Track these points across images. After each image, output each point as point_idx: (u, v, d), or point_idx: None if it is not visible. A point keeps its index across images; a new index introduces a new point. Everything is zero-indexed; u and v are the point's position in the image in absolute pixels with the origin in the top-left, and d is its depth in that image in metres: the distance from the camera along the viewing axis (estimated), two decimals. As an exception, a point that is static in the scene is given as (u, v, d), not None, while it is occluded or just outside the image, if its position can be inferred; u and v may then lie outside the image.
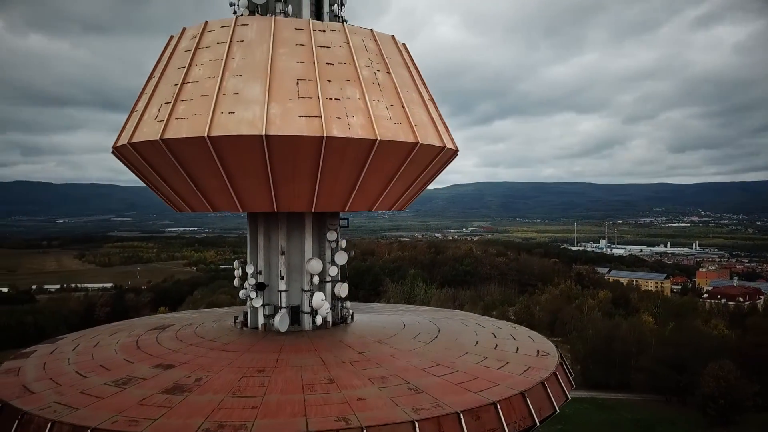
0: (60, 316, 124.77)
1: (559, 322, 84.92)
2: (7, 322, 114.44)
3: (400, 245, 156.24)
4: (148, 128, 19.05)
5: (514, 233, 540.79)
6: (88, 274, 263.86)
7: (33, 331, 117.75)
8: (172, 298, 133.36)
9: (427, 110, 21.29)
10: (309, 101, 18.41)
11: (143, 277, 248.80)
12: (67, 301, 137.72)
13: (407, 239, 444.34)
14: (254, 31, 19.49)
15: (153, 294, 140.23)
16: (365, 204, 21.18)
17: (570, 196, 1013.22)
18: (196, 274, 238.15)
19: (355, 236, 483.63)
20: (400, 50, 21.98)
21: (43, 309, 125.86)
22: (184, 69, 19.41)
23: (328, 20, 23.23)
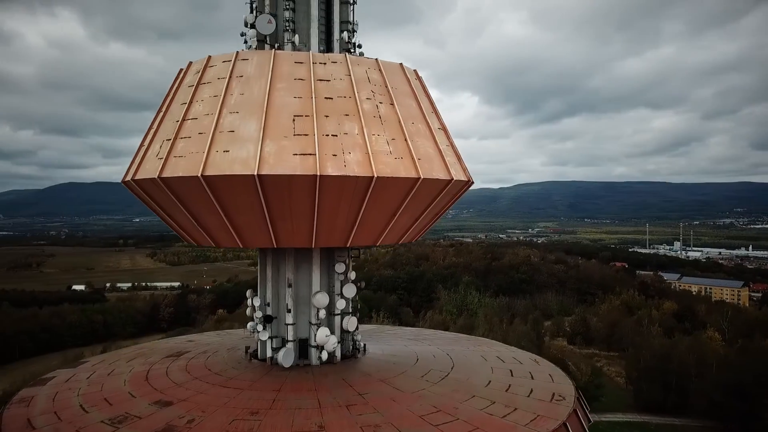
0: (127, 316, 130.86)
1: (616, 335, 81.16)
2: (79, 321, 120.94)
3: (455, 251, 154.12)
4: (150, 165, 19.20)
5: (582, 234, 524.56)
6: (158, 272, 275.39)
7: (102, 329, 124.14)
8: (231, 299, 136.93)
9: (435, 141, 20.45)
10: (304, 138, 18.01)
11: (209, 277, 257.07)
12: (134, 301, 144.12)
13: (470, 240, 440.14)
14: (253, 66, 19.29)
15: (214, 295, 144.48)
16: (369, 238, 20.59)
17: (643, 196, 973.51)
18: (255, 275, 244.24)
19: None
20: (408, 79, 21.24)
21: (112, 308, 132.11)
22: (185, 105, 19.45)
23: (337, 48, 22.88)
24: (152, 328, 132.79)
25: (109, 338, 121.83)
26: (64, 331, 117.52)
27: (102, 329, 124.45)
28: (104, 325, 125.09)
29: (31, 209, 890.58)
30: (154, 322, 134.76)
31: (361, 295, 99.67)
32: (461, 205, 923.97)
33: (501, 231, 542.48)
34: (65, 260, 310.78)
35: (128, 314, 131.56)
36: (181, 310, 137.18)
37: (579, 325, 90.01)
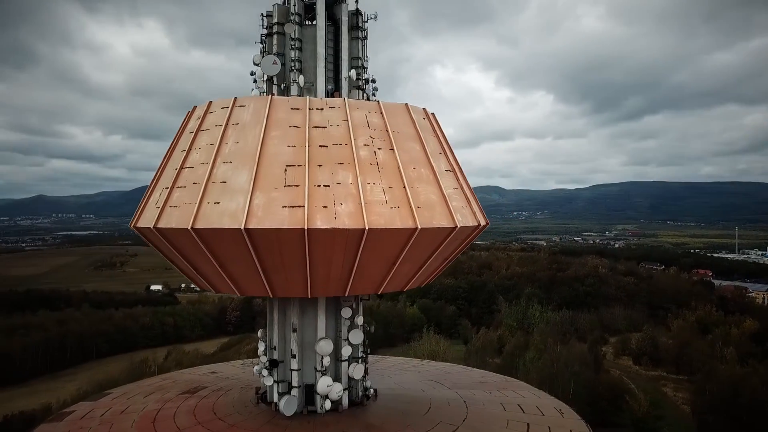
0: (196, 319, 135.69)
1: (687, 357, 75.95)
2: (150, 323, 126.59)
3: (519, 259, 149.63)
4: (149, 213, 19.29)
5: (663, 238, 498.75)
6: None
7: (172, 332, 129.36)
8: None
9: (438, 186, 19.42)
10: (295, 189, 17.51)
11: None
12: (203, 304, 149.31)
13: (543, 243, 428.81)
14: (250, 113, 18.98)
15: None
16: (369, 287, 19.85)
17: (732, 197, 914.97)
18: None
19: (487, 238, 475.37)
20: (413, 121, 20.29)
21: (182, 311, 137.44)
22: (184, 152, 19.41)
23: (345, 86, 22.29)
24: (219, 331, 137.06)
25: (178, 341, 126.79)
26: (137, 333, 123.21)
27: (172, 331, 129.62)
28: (174, 328, 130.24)
29: (119, 210, 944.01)
30: (221, 326, 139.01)
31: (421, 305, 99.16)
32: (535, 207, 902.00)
33: (576, 233, 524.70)
34: (146, 260, 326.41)
35: (197, 317, 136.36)
36: (246, 314, 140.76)
37: (646, 343, 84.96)
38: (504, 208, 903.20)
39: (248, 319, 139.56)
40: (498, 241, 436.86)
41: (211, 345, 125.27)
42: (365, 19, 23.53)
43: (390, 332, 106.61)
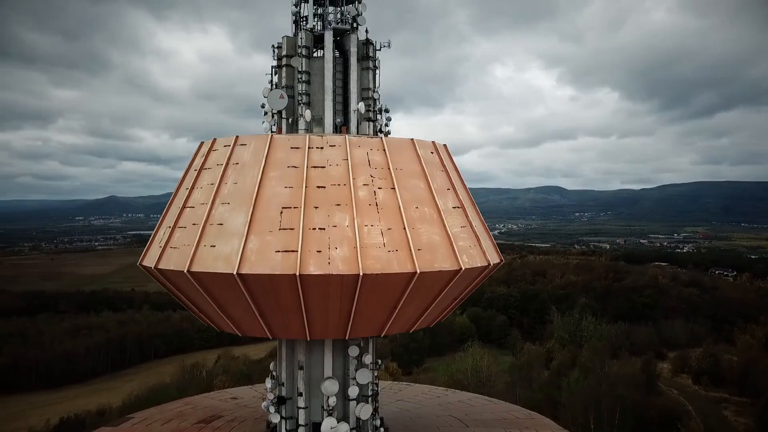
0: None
1: (751, 377, 71.25)
2: (207, 326, 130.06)
3: (575, 267, 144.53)
4: (152, 252, 19.41)
5: (737, 241, 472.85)
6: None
7: (226, 335, 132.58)
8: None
9: (443, 226, 18.63)
10: (290, 233, 17.16)
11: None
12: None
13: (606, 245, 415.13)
14: (250, 153, 18.77)
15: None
16: (371, 330, 19.31)
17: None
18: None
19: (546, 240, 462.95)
20: (418, 157, 19.54)
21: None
22: (188, 191, 19.44)
23: (354, 119, 21.82)
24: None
25: (231, 342, 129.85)
26: (193, 335, 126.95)
27: (226, 335, 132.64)
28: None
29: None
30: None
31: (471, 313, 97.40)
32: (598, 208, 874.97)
33: (642, 236, 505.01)
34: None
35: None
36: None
37: (708, 361, 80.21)
38: (565, 209, 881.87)
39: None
40: (558, 244, 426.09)
41: (261, 349, 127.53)
42: (378, 47, 23.03)
43: (438, 341, 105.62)
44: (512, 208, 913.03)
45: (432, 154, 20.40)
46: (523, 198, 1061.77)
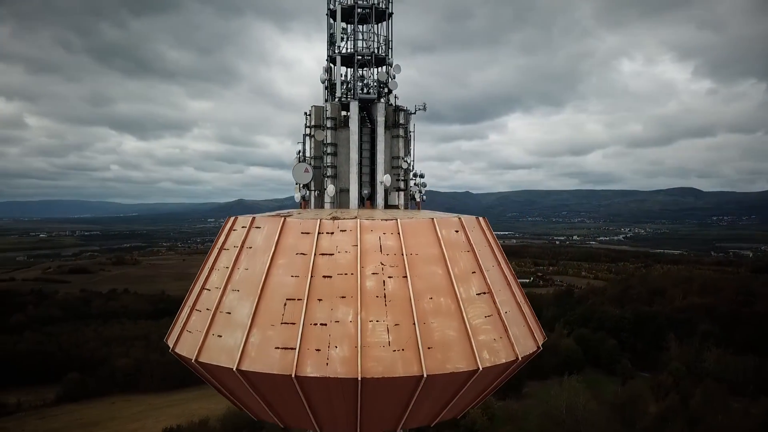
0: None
1: None
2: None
3: (699, 286, 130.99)
4: (174, 331, 19.66)
5: None
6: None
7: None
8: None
9: (462, 317, 17.12)
10: (290, 328, 16.56)
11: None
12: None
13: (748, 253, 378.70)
14: (263, 237, 18.40)
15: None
16: (385, 425, 18.20)
17: None
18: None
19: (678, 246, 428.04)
20: (438, 239, 18.12)
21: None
22: (208, 271, 19.50)
23: (381, 191, 20.84)
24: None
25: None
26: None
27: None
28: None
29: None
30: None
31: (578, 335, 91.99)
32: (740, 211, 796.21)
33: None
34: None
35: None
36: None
37: None
38: (700, 213, 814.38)
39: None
40: (691, 251, 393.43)
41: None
42: (413, 111, 21.89)
43: (541, 363, 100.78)
44: (639, 211, 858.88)
45: (457, 233, 18.88)
46: (652, 200, 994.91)
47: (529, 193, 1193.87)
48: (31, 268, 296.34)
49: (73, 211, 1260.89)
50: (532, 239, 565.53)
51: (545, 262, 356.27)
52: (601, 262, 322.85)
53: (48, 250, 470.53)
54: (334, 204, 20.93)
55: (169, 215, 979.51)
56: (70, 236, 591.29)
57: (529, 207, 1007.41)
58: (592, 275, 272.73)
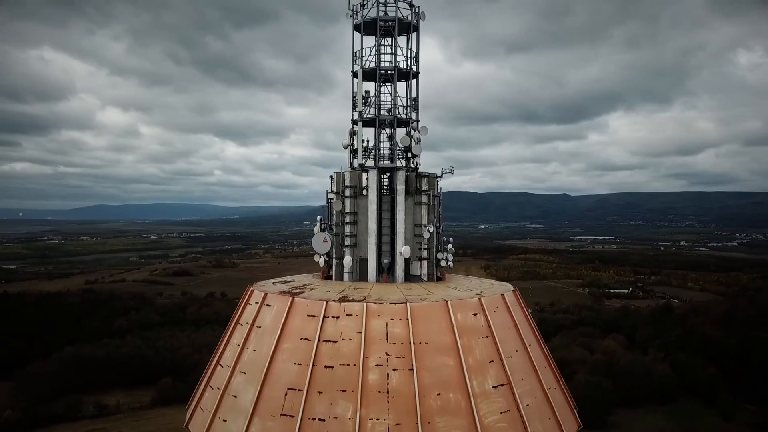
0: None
1: None
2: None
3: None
4: (191, 407, 19.66)
5: None
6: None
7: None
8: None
9: (473, 415, 15.83)
10: (289, 421, 15.99)
11: (534, 297, 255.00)
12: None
13: None
14: (271, 316, 18.00)
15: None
16: None
17: None
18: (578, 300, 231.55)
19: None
20: (452, 325, 16.87)
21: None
22: (224, 345, 19.37)
23: (401, 263, 19.79)
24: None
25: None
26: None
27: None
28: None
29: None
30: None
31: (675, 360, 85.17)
32: None
33: None
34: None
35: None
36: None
37: None
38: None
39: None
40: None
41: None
42: (439, 174, 20.73)
43: (630, 389, 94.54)
44: (758, 214, 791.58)
45: (475, 316, 17.52)
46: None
47: (631, 195, 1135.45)
48: (141, 270, 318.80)
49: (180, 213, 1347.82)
50: (634, 244, 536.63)
51: (646, 271, 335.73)
52: (710, 272, 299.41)
53: (157, 251, 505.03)
54: (352, 274, 20.17)
55: (268, 218, 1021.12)
56: (177, 238, 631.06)
57: (631, 210, 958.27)
58: (698, 286, 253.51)
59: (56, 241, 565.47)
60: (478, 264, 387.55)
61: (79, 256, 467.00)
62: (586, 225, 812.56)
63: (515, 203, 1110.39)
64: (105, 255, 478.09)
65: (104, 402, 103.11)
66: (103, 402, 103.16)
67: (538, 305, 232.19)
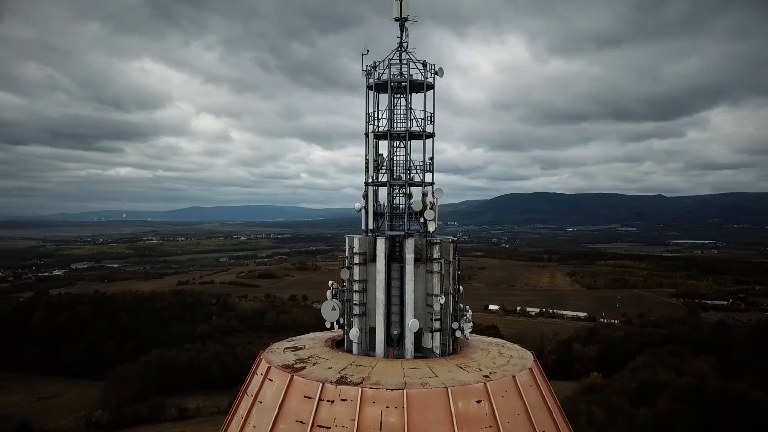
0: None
1: None
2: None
3: None
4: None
5: None
6: (570, 296, 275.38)
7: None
8: (616, 358, 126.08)
9: None
10: None
11: (622, 307, 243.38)
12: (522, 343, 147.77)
13: None
14: (272, 393, 17.73)
15: (598, 348, 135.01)
16: None
17: None
18: (671, 311, 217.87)
19: None
20: (452, 415, 15.85)
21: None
22: (231, 414, 19.38)
23: (410, 336, 18.94)
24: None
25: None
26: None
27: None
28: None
29: (480, 218, 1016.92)
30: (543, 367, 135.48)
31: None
32: None
33: None
34: (493, 274, 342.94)
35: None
36: (564, 360, 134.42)
37: None
38: None
39: (566, 365, 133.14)
40: None
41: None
42: (454, 238, 19.69)
43: (722, 419, 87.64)
44: None
45: (479, 403, 16.42)
46: None
47: (735, 196, 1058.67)
48: (228, 272, 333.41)
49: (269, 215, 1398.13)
50: (737, 249, 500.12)
51: (750, 280, 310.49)
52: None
53: (246, 251, 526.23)
54: (361, 345, 19.54)
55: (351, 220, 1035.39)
56: (265, 239, 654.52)
57: (735, 212, 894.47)
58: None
59: (154, 242, 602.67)
60: (562, 270, 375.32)
61: (174, 256, 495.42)
62: (683, 228, 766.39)
63: (605, 205, 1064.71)
64: (198, 255, 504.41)
65: (185, 405, 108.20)
66: (184, 405, 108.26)
67: (625, 316, 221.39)
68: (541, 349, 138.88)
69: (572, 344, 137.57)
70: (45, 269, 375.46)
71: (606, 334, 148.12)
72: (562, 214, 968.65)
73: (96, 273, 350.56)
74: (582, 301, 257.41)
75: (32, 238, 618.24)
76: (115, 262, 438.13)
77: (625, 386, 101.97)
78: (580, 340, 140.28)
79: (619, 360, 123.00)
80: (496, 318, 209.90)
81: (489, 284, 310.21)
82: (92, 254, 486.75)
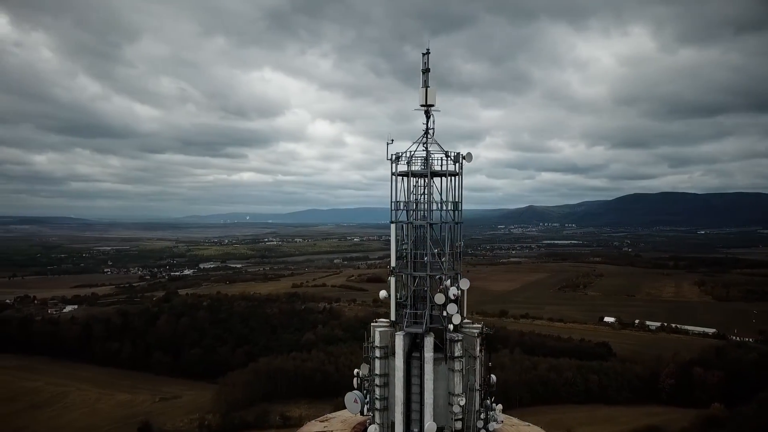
0: (624, 380, 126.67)
1: None
2: (573, 378, 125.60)
3: None
4: None
5: None
6: (699, 309, 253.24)
7: (597, 390, 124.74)
8: (745, 386, 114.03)
9: None
10: None
11: (759, 324, 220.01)
12: (634, 364, 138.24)
13: None
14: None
15: (723, 373, 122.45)
16: None
17: None
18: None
19: None
20: None
21: (610, 369, 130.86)
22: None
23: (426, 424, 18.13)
24: (649, 398, 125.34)
25: (602, 400, 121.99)
26: (560, 387, 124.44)
27: (597, 390, 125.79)
28: (599, 386, 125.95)
29: (599, 219, 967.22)
30: (654, 392, 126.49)
31: None
32: None
33: None
34: (611, 282, 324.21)
35: (626, 378, 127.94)
36: (683, 381, 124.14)
37: None
38: None
39: (685, 389, 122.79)
40: None
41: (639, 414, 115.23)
42: (478, 332, 18.62)
43: None
44: None
45: None
46: None
47: None
48: (340, 275, 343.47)
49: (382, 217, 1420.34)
50: None
51: None
52: None
53: (359, 253, 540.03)
54: (382, 441, 19.02)
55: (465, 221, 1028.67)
56: (377, 241, 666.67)
57: None
58: None
59: (274, 243, 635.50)
60: (690, 279, 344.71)
61: (292, 257, 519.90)
62: None
63: (744, 205, 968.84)
64: (314, 256, 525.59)
65: (288, 413, 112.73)
66: (288, 413, 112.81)
67: (762, 335, 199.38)
68: (656, 373, 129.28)
69: (693, 368, 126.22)
70: (177, 269, 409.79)
71: (735, 356, 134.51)
72: (693, 216, 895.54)
73: (220, 273, 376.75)
74: (711, 316, 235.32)
75: (167, 239, 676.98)
76: (239, 263, 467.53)
77: (752, 422, 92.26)
78: (703, 362, 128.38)
79: (749, 388, 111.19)
80: (611, 332, 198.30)
81: (606, 293, 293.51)
82: (218, 255, 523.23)
